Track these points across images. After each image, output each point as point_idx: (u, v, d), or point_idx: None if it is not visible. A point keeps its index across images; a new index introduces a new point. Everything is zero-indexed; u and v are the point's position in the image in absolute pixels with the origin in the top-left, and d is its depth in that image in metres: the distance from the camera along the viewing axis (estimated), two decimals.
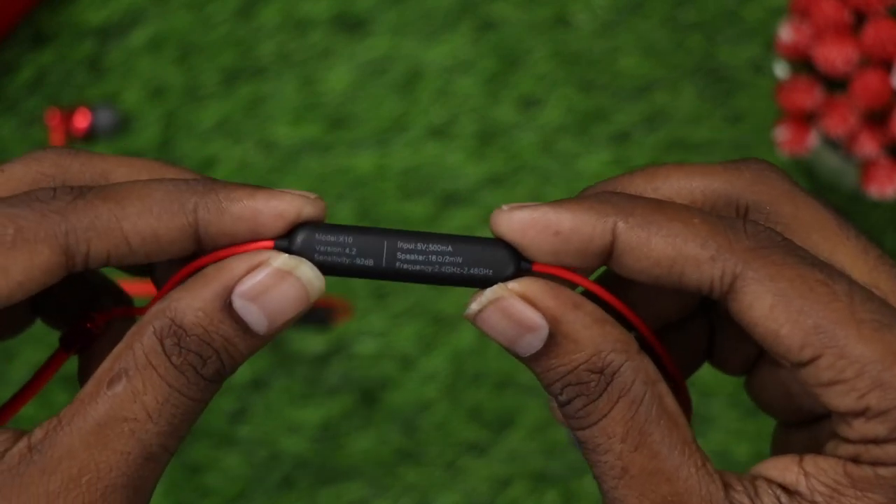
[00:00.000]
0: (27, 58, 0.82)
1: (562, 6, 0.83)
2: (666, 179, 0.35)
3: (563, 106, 0.82)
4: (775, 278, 0.31)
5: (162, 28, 0.82)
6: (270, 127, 0.81)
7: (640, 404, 0.32)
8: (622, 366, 0.32)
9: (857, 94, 0.69)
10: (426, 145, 0.81)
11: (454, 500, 0.77)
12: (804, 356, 0.31)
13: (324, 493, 0.77)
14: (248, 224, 0.32)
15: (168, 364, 0.32)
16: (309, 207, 0.32)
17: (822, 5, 0.70)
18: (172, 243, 0.32)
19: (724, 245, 0.32)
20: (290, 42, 0.82)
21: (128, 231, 0.32)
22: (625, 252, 0.32)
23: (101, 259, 0.32)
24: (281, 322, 0.33)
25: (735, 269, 0.32)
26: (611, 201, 0.32)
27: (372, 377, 0.78)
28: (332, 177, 0.81)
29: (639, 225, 0.32)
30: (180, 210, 0.32)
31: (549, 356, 0.32)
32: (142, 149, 0.81)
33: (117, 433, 0.31)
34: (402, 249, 0.33)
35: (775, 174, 0.35)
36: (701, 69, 0.82)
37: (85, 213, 0.32)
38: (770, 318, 0.31)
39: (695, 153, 0.81)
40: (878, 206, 0.79)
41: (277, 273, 0.32)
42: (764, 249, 0.32)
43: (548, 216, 0.32)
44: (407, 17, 0.83)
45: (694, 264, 0.32)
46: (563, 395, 0.32)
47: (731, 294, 0.32)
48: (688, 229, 0.32)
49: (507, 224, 0.33)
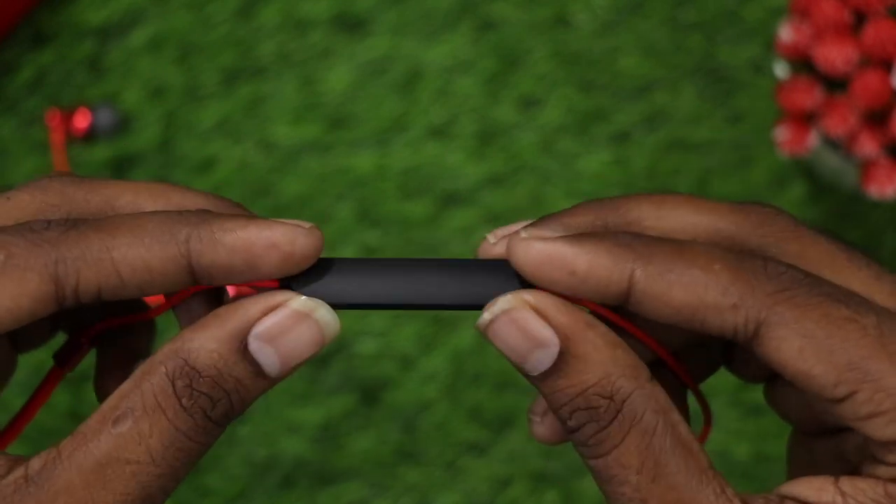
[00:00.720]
0: (27, 58, 0.82)
1: (562, 6, 0.83)
2: (673, 209, 0.34)
3: (563, 106, 0.82)
4: (801, 320, 0.31)
5: (162, 28, 0.82)
6: (270, 127, 0.81)
7: (654, 434, 0.32)
8: (632, 393, 0.32)
9: (857, 94, 0.69)
10: (426, 145, 0.81)
11: (454, 500, 0.77)
12: (839, 393, 0.31)
13: (324, 493, 0.77)
14: (241, 255, 0.32)
15: (178, 407, 0.31)
16: (302, 238, 0.32)
17: (822, 5, 0.70)
18: (165, 275, 0.32)
19: (747, 291, 0.31)
20: (290, 42, 0.82)
21: (118, 261, 0.32)
22: (643, 300, 0.32)
23: (91, 291, 0.32)
24: (293, 365, 0.32)
25: (759, 315, 0.31)
26: (630, 245, 0.32)
27: (372, 377, 0.78)
28: (332, 177, 0.81)
29: (658, 273, 0.32)
30: (172, 240, 0.32)
31: (559, 376, 0.32)
32: (142, 149, 0.81)
33: (118, 474, 0.31)
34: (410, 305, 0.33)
35: (782, 217, 0.35)
36: (701, 69, 0.82)
37: (76, 243, 0.32)
38: (800, 360, 0.31)
39: (695, 153, 0.81)
40: (878, 206, 0.79)
41: (295, 315, 0.32)
42: (787, 291, 0.31)
43: (565, 254, 0.32)
44: (407, 17, 0.83)
45: (715, 312, 0.31)
46: (572, 420, 0.32)
47: (756, 339, 0.32)
48: (708, 276, 0.31)
49: (524, 256, 0.32)
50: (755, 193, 0.80)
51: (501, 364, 0.77)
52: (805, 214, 0.80)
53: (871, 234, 0.80)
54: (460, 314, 0.78)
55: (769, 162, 0.81)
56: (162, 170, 0.81)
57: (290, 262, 0.32)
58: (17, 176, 0.81)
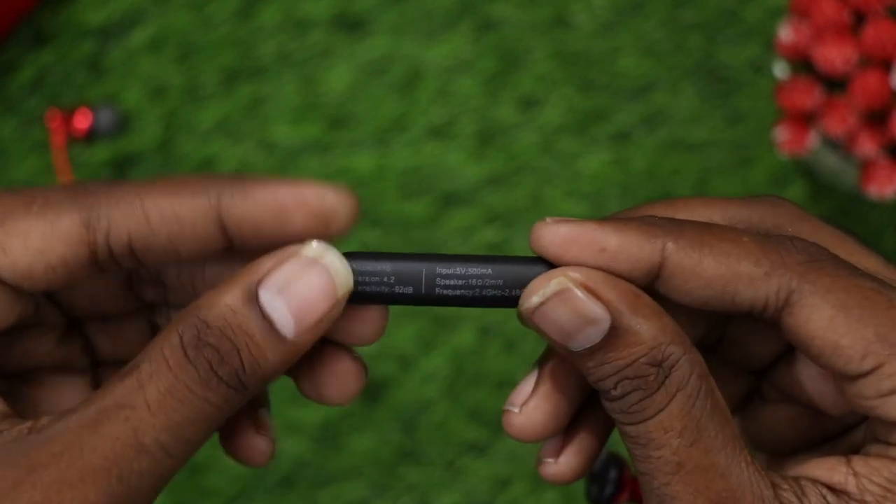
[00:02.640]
0: (27, 58, 0.82)
1: (562, 6, 0.83)
2: (685, 208, 0.35)
3: (563, 106, 0.82)
4: (832, 289, 0.31)
5: (162, 28, 0.82)
6: (270, 127, 0.81)
7: (697, 398, 0.32)
8: (680, 359, 0.32)
9: (856, 94, 0.69)
10: (426, 145, 0.81)
11: (454, 500, 0.77)
12: (865, 366, 0.31)
13: (324, 493, 0.77)
14: (271, 209, 0.32)
15: (182, 357, 0.31)
16: (332, 197, 0.32)
17: (822, 5, 0.70)
18: (195, 226, 0.32)
19: (777, 261, 0.32)
20: (290, 42, 0.83)
21: (148, 208, 0.32)
22: (675, 273, 0.32)
23: (122, 239, 0.32)
24: (308, 322, 0.32)
25: (790, 283, 0.31)
26: (657, 223, 0.32)
27: (372, 377, 0.78)
28: (332, 177, 0.81)
29: (689, 245, 0.32)
30: (203, 192, 0.32)
31: (608, 349, 0.32)
32: (142, 149, 0.81)
33: (111, 418, 0.31)
34: (441, 275, 0.33)
35: (790, 204, 0.35)
36: (701, 69, 0.82)
37: (111, 192, 0.32)
38: (830, 328, 0.31)
39: (694, 153, 0.81)
40: (878, 207, 0.79)
41: (304, 262, 0.32)
42: (817, 262, 0.32)
43: (594, 232, 0.32)
44: (407, 17, 0.83)
45: (748, 282, 0.32)
46: (617, 389, 0.32)
47: (787, 309, 0.32)
48: (739, 248, 0.32)
49: (551, 237, 0.32)
50: (755, 193, 0.80)
51: (501, 364, 0.77)
52: None
53: (870, 233, 0.80)
54: (461, 315, 0.78)
55: (769, 162, 0.81)
56: (162, 170, 0.81)
57: (320, 220, 0.32)
58: (18, 176, 0.81)
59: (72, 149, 0.81)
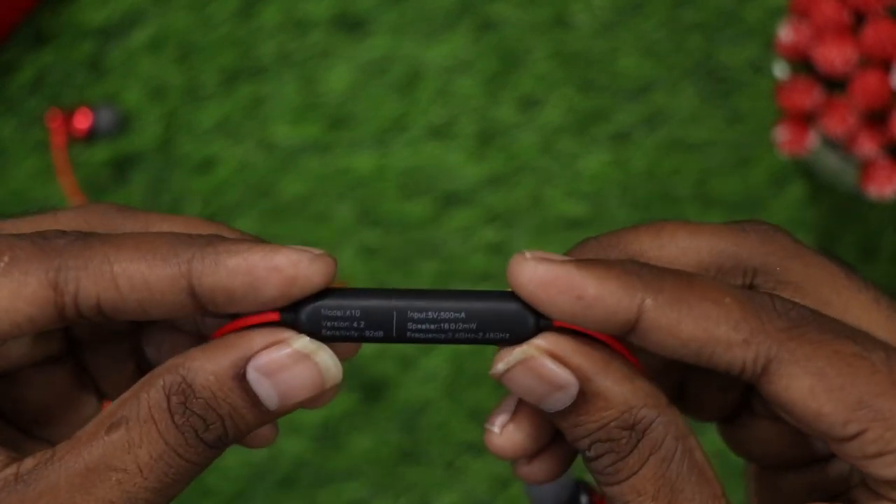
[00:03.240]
0: (28, 58, 0.82)
1: (562, 6, 0.83)
2: (672, 238, 0.34)
3: (563, 106, 0.82)
4: (812, 358, 0.31)
5: (162, 28, 0.82)
6: (270, 127, 0.81)
7: (672, 461, 0.31)
8: (654, 421, 0.31)
9: (856, 94, 0.69)
10: (426, 145, 0.81)
11: (454, 500, 0.77)
12: (848, 432, 0.31)
13: (324, 493, 0.77)
14: (242, 278, 0.31)
15: (170, 422, 0.31)
16: (306, 263, 0.31)
17: (822, 6, 0.70)
18: (164, 293, 0.31)
19: (757, 327, 0.31)
20: (291, 42, 0.83)
21: (118, 274, 0.31)
22: (651, 330, 0.31)
23: (90, 302, 0.31)
24: (292, 402, 0.32)
25: (769, 351, 0.31)
26: (639, 274, 0.31)
27: (372, 377, 0.78)
28: (332, 177, 0.81)
29: (668, 303, 0.31)
30: (174, 258, 0.31)
31: (579, 413, 0.31)
32: (142, 149, 0.81)
33: (104, 481, 0.31)
34: (413, 319, 0.32)
35: (780, 234, 0.34)
36: (701, 69, 0.82)
37: (80, 253, 0.31)
38: (810, 398, 0.31)
39: (694, 153, 0.81)
40: (877, 206, 0.79)
41: (296, 354, 0.31)
42: (798, 328, 0.31)
43: (573, 277, 0.31)
44: (407, 18, 0.83)
45: (725, 347, 0.31)
46: (590, 451, 0.32)
47: (765, 376, 0.31)
48: (719, 310, 0.31)
49: (529, 277, 0.31)
50: (755, 193, 0.80)
51: None
52: (804, 214, 0.80)
53: (870, 233, 0.80)
54: None
55: (769, 162, 0.81)
56: (162, 170, 0.81)
57: (293, 287, 0.31)
58: (18, 176, 0.81)
59: (72, 149, 0.81)
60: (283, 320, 0.32)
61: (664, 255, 0.34)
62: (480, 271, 0.79)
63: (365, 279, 0.80)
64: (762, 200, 0.80)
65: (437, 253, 0.80)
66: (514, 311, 0.32)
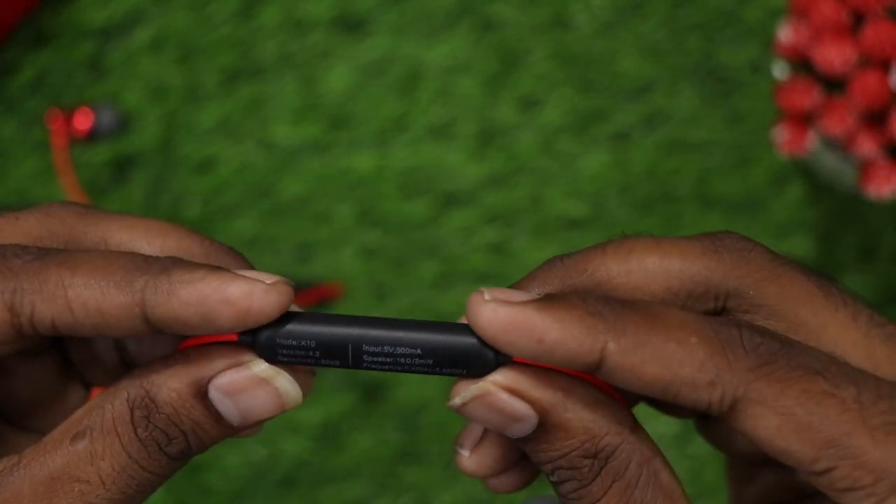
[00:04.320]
0: (28, 58, 0.82)
1: (561, 7, 0.83)
2: (641, 262, 0.33)
3: (562, 106, 0.82)
4: (780, 398, 0.30)
5: (162, 28, 0.82)
6: (271, 127, 0.82)
7: (636, 487, 0.31)
8: (617, 448, 0.31)
9: (855, 94, 0.69)
10: (426, 145, 0.81)
11: (454, 499, 0.77)
12: (817, 468, 0.31)
13: (324, 493, 0.77)
14: (195, 309, 0.31)
15: (132, 435, 0.31)
16: (260, 294, 0.31)
17: (821, 6, 0.70)
18: (118, 319, 0.31)
19: (724, 366, 0.30)
20: (291, 42, 0.83)
21: (72, 299, 0.31)
22: (614, 371, 0.30)
23: (46, 323, 0.31)
24: (254, 421, 0.32)
25: (736, 392, 0.30)
26: (601, 314, 0.30)
27: (372, 377, 0.78)
28: (332, 177, 0.81)
29: (631, 346, 0.30)
30: (127, 287, 0.31)
31: (540, 441, 0.31)
32: (142, 149, 0.81)
33: (66, 491, 0.31)
34: (368, 352, 0.32)
35: (755, 252, 0.33)
36: (700, 70, 0.82)
37: (35, 275, 0.31)
38: (778, 437, 0.31)
39: (694, 153, 0.81)
40: (877, 207, 0.79)
41: (255, 378, 0.32)
42: (766, 367, 0.31)
43: (533, 321, 0.30)
44: (407, 18, 0.83)
45: (690, 388, 0.30)
46: (554, 476, 0.32)
47: (732, 414, 0.31)
48: (684, 351, 0.30)
49: (488, 319, 0.30)
50: (754, 193, 0.80)
51: None
52: (804, 215, 0.80)
53: (869, 234, 0.80)
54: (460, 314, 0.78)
55: (768, 162, 0.81)
56: (162, 170, 0.81)
57: (247, 318, 0.31)
58: (19, 176, 0.81)
59: (72, 149, 0.81)
60: (240, 341, 0.32)
61: (632, 281, 0.33)
62: (480, 271, 0.80)
63: (365, 279, 0.80)
64: (762, 200, 0.80)
65: (437, 253, 0.80)
66: (472, 347, 0.31)
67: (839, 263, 0.80)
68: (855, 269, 0.80)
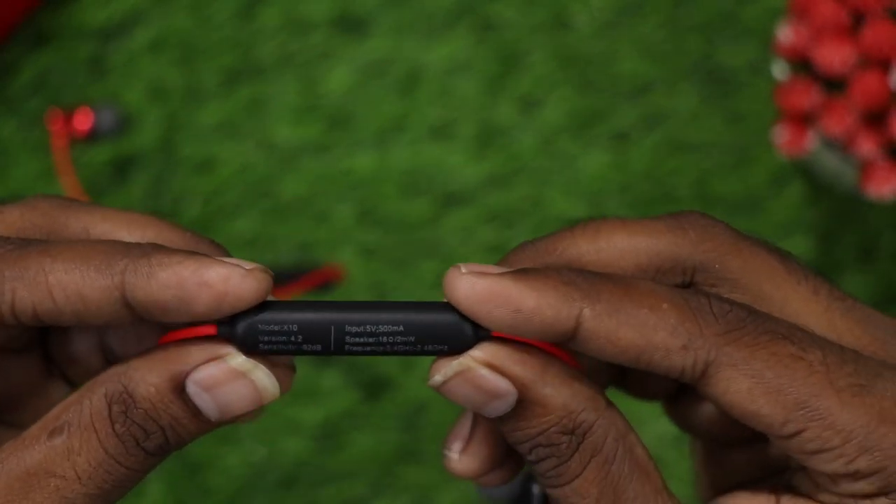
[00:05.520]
0: (28, 58, 0.82)
1: (561, 7, 0.83)
2: (609, 240, 0.34)
3: (562, 107, 0.82)
4: (749, 361, 0.31)
5: (163, 29, 0.82)
6: (271, 127, 0.82)
7: (613, 462, 0.32)
8: (593, 424, 0.32)
9: (855, 94, 0.69)
10: (426, 146, 0.81)
11: (454, 499, 0.77)
12: (787, 431, 0.31)
13: (324, 492, 0.77)
14: (173, 292, 0.31)
15: (110, 430, 0.31)
16: (237, 279, 0.31)
17: (821, 6, 0.70)
18: (99, 304, 0.31)
19: (695, 332, 0.31)
20: (291, 43, 0.83)
21: (52, 285, 0.31)
22: (590, 338, 0.31)
23: (27, 311, 0.32)
24: (232, 415, 0.32)
25: (708, 356, 0.31)
26: (576, 283, 0.31)
27: (372, 377, 0.78)
28: (332, 177, 0.81)
29: (606, 312, 0.31)
30: (107, 270, 0.31)
31: (518, 419, 0.32)
32: (143, 149, 0.81)
33: (42, 486, 0.31)
34: (351, 333, 0.32)
35: (718, 228, 0.34)
36: (700, 70, 0.82)
37: (16, 262, 0.32)
38: (749, 400, 0.31)
39: (694, 154, 0.81)
40: (877, 207, 0.79)
41: (232, 371, 0.32)
42: (735, 332, 0.31)
43: (510, 291, 0.31)
44: (407, 19, 0.83)
45: (664, 353, 0.31)
46: (532, 455, 0.32)
47: (704, 379, 0.32)
48: (656, 316, 0.31)
49: (465, 292, 0.31)
50: (754, 194, 0.80)
51: None
52: (804, 215, 0.80)
53: (869, 234, 0.80)
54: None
55: (768, 162, 0.81)
56: (162, 170, 0.81)
57: (224, 302, 0.31)
58: (19, 176, 0.81)
59: (73, 149, 0.81)
60: (219, 333, 0.32)
61: (602, 258, 0.34)
62: None
63: (365, 279, 0.80)
64: (761, 201, 0.81)
65: (437, 253, 0.80)
66: (452, 323, 0.32)
67: (839, 263, 0.80)
68: (855, 269, 0.80)
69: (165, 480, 0.76)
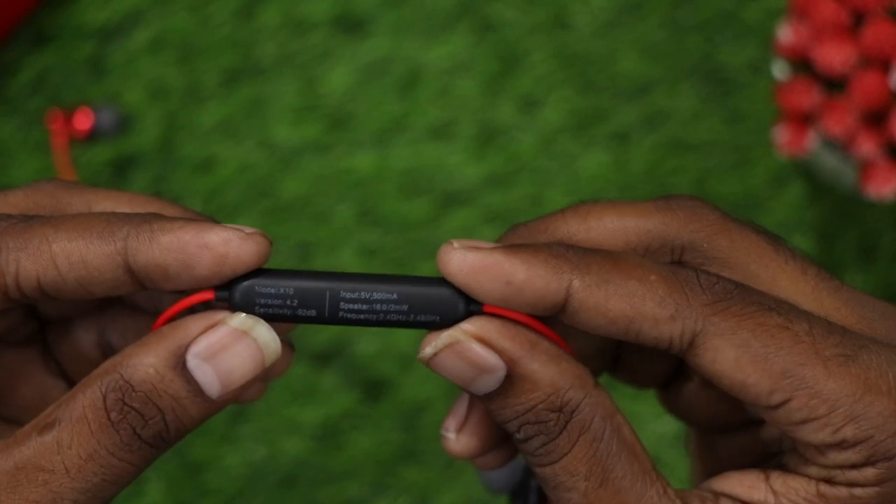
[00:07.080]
0: (28, 59, 0.82)
1: (561, 7, 0.83)
2: (599, 220, 0.34)
3: (562, 107, 0.82)
4: (736, 330, 0.31)
5: (163, 29, 0.82)
6: (271, 127, 0.82)
7: (601, 440, 0.32)
8: (581, 402, 0.32)
9: (855, 94, 0.69)
10: (426, 146, 0.81)
11: (454, 499, 0.77)
12: (774, 401, 0.32)
13: (324, 492, 0.77)
14: (175, 255, 0.31)
15: (104, 420, 0.31)
16: (237, 241, 0.31)
17: (821, 6, 0.70)
18: (102, 271, 0.32)
19: (683, 302, 0.32)
20: (291, 43, 0.83)
21: (56, 253, 0.32)
22: (580, 310, 0.32)
23: (31, 282, 0.32)
24: (234, 386, 0.32)
25: (695, 326, 0.31)
26: (566, 256, 0.32)
27: (372, 377, 0.78)
28: (333, 177, 0.81)
29: (595, 283, 0.31)
30: (110, 236, 0.32)
31: (506, 395, 0.32)
32: (143, 149, 0.81)
33: (30, 480, 0.31)
34: (346, 299, 0.33)
35: (707, 209, 0.35)
36: (700, 70, 0.82)
37: (20, 234, 0.32)
38: (736, 369, 0.32)
39: (694, 154, 0.81)
40: (877, 207, 0.79)
41: (233, 332, 0.32)
42: (722, 303, 0.32)
43: (501, 264, 0.31)
44: (407, 19, 0.83)
45: (652, 323, 0.32)
46: (520, 433, 0.32)
47: (691, 350, 0.32)
48: (645, 287, 0.32)
49: (458, 265, 0.32)
50: (754, 194, 0.80)
51: None
52: (804, 215, 0.80)
53: (869, 234, 0.80)
54: None
55: (768, 162, 0.81)
56: (162, 170, 0.81)
57: (224, 264, 0.31)
58: (19, 176, 0.81)
59: (73, 149, 0.81)
60: (217, 298, 0.32)
61: (592, 237, 0.34)
62: None
63: None
64: (761, 201, 0.81)
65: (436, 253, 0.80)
66: (445, 296, 0.32)
67: (839, 263, 0.80)
68: (855, 268, 0.80)
69: (165, 480, 0.76)
